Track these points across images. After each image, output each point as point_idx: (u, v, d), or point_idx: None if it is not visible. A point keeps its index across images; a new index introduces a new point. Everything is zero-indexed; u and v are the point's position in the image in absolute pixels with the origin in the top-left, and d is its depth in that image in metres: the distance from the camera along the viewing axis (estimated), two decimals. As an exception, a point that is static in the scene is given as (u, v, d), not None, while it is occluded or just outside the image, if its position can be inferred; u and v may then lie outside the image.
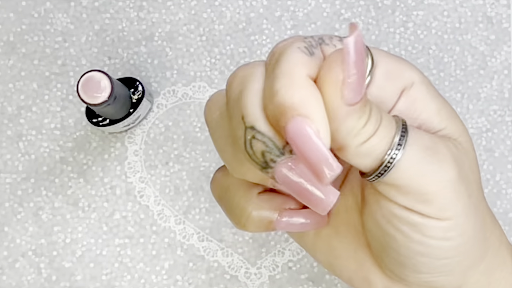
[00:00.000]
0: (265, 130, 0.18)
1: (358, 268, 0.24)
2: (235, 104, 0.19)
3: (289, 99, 0.17)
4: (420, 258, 0.20)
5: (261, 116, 0.18)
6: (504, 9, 0.40)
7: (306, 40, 0.18)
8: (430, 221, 0.19)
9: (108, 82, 0.33)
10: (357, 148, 0.18)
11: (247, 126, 0.18)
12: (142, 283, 0.38)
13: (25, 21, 0.40)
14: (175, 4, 0.40)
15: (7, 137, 0.39)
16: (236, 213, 0.22)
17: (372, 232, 0.22)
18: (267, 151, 0.18)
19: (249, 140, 0.18)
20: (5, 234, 0.38)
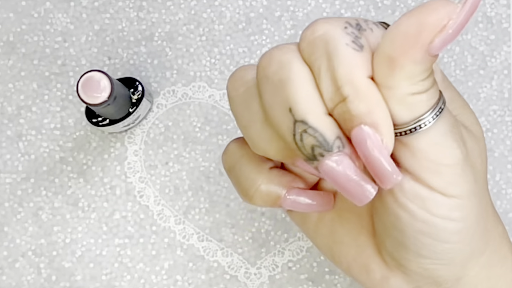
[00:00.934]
0: (318, 125, 0.18)
1: (358, 255, 0.24)
2: (277, 93, 0.19)
3: (356, 108, 0.18)
4: (423, 239, 0.21)
5: (314, 111, 0.18)
6: (504, 9, 0.40)
7: (349, 32, 0.18)
8: (436, 196, 0.20)
9: (108, 82, 0.33)
10: (407, 95, 0.18)
11: (297, 120, 0.18)
12: (142, 283, 0.38)
13: (25, 21, 0.40)
14: (175, 4, 0.40)
15: (7, 137, 0.39)
16: (245, 184, 0.22)
17: (377, 212, 0.22)
18: (317, 145, 0.18)
19: (299, 133, 0.18)
20: (5, 234, 0.38)
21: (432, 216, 0.20)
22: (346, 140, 0.19)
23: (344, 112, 0.18)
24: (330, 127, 0.19)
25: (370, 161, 0.18)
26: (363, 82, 0.18)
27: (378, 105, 0.18)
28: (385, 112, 0.18)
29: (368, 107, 0.18)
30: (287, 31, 0.40)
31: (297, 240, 0.38)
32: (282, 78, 0.19)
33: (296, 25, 0.40)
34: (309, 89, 0.19)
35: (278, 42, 0.40)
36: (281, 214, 0.39)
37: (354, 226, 0.24)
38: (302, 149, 0.19)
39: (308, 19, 0.40)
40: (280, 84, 0.19)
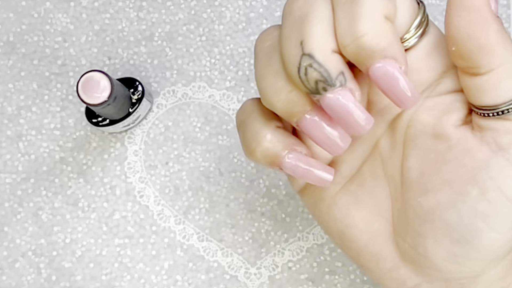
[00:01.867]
0: (324, 61, 0.19)
1: (370, 242, 0.24)
2: (294, 26, 0.20)
3: (377, 44, 0.19)
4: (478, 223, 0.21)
5: (322, 46, 0.19)
6: (504, 9, 0.40)
7: None
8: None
9: (107, 82, 0.33)
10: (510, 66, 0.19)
11: (304, 53, 0.19)
12: (142, 283, 0.38)
13: (25, 21, 0.40)
14: (175, 4, 0.40)
15: (7, 137, 0.39)
16: (250, 135, 0.22)
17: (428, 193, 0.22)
18: (321, 80, 0.19)
19: (304, 67, 0.19)
20: (5, 234, 0.38)
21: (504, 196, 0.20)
22: (349, 75, 0.20)
23: (363, 50, 0.19)
24: (335, 63, 0.19)
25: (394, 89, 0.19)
26: (382, 19, 0.19)
27: (396, 39, 0.19)
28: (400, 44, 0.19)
29: (388, 41, 0.19)
30: None
31: (297, 240, 0.38)
32: (303, 13, 0.19)
33: (296, 25, 0.40)
34: (324, 26, 0.19)
35: None
36: (281, 215, 0.39)
37: (371, 212, 0.24)
38: (305, 83, 0.19)
39: (308, 19, 0.40)
40: (299, 19, 0.19)
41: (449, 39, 0.20)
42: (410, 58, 0.22)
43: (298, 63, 0.19)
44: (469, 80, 0.20)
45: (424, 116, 0.22)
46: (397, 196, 0.23)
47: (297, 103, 0.21)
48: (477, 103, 0.20)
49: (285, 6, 0.21)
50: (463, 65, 0.20)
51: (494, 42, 0.19)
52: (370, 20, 0.19)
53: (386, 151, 0.24)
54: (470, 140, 0.21)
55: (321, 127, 0.21)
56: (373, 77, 0.19)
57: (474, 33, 0.19)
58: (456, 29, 0.19)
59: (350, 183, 0.25)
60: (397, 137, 0.23)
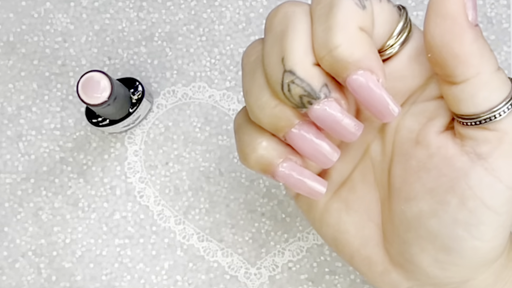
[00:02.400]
0: (305, 76, 0.19)
1: (361, 247, 0.24)
2: (275, 42, 0.20)
3: (351, 55, 0.18)
4: (459, 231, 0.21)
5: (302, 61, 0.19)
6: (504, 9, 0.40)
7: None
8: (505, 190, 0.20)
9: (108, 83, 0.33)
10: (493, 75, 0.19)
11: (286, 70, 0.19)
12: (142, 283, 0.38)
13: (25, 21, 0.40)
14: (175, 4, 0.40)
15: (7, 137, 0.39)
16: (246, 141, 0.22)
17: (410, 201, 0.22)
18: (304, 95, 0.19)
19: (287, 84, 0.19)
20: (5, 234, 0.38)
21: (484, 205, 0.20)
22: (333, 86, 0.20)
23: (337, 61, 0.19)
24: (316, 76, 0.19)
25: (371, 101, 0.19)
26: (357, 30, 0.19)
27: (371, 50, 0.19)
28: (377, 55, 0.19)
29: (362, 51, 0.19)
30: None
31: (297, 241, 0.38)
32: (282, 29, 0.20)
33: (296, 25, 0.40)
34: (303, 41, 0.19)
35: None
36: (281, 215, 0.39)
37: (361, 218, 0.24)
38: (290, 99, 0.20)
39: (308, 19, 0.40)
40: (279, 34, 0.20)
41: (425, 45, 0.20)
42: (393, 65, 0.21)
43: (281, 80, 0.19)
44: (447, 88, 0.20)
45: (410, 122, 0.22)
46: (386, 202, 0.24)
47: (282, 118, 0.20)
48: (456, 111, 0.20)
49: (266, 20, 0.21)
50: (440, 73, 0.20)
51: (469, 52, 0.19)
52: (344, 32, 0.18)
53: (377, 157, 0.24)
54: (450, 148, 0.21)
55: (309, 141, 0.21)
56: (350, 89, 0.19)
57: (448, 42, 0.19)
58: (432, 36, 0.19)
59: (341, 189, 0.25)
60: (386, 143, 0.23)
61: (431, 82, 0.22)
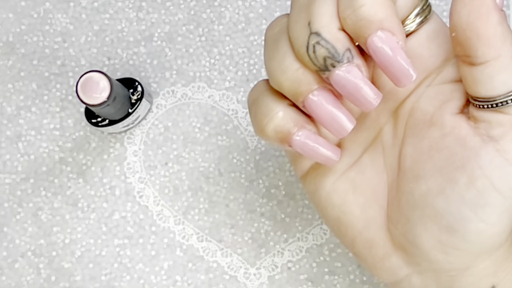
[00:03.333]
0: (330, 37, 0.20)
1: (364, 229, 0.24)
2: (302, 9, 0.20)
3: (374, 14, 0.19)
4: (466, 212, 0.21)
5: (328, 24, 0.20)
6: (504, 9, 0.40)
7: None
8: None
9: (107, 83, 0.33)
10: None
11: (312, 32, 0.20)
12: (142, 283, 0.38)
13: (24, 21, 0.40)
14: (174, 5, 0.40)
15: (6, 137, 0.39)
16: (263, 112, 0.23)
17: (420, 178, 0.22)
18: (329, 57, 0.20)
19: (312, 45, 0.20)
20: (5, 235, 0.38)
21: (492, 186, 0.20)
22: (356, 52, 0.20)
23: (360, 20, 0.19)
24: (341, 40, 0.20)
25: (390, 63, 0.20)
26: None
27: (393, 12, 0.19)
28: (399, 19, 0.20)
29: (385, 13, 0.19)
30: None
31: (297, 241, 0.39)
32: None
33: (295, 25, 0.40)
34: (330, 6, 0.20)
35: None
36: (281, 215, 0.39)
37: (367, 200, 0.24)
38: (314, 60, 0.20)
39: (308, 19, 0.40)
40: (307, 2, 0.20)
41: (450, 24, 0.20)
42: (411, 42, 0.22)
43: (307, 42, 0.20)
44: (466, 70, 0.21)
45: (424, 104, 0.23)
46: (393, 184, 0.24)
47: (303, 81, 0.21)
48: (473, 93, 0.21)
49: None
50: (461, 53, 0.21)
51: (493, 33, 0.19)
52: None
53: (388, 140, 0.24)
54: (464, 129, 0.21)
55: (326, 108, 0.21)
56: (371, 50, 0.20)
57: (474, 22, 0.19)
58: (458, 15, 0.20)
59: (350, 170, 0.25)
60: (399, 126, 0.24)
61: (447, 65, 0.22)
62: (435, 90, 0.22)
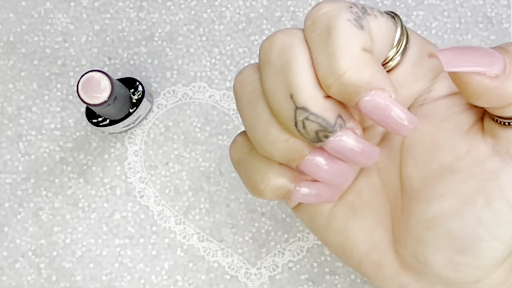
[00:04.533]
0: (319, 110, 0.19)
1: (371, 251, 0.24)
2: (278, 78, 0.19)
3: (360, 78, 0.18)
4: (481, 232, 0.21)
5: (313, 95, 0.19)
6: (504, 10, 0.40)
7: (353, 11, 0.19)
8: None
9: (108, 82, 0.33)
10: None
11: (298, 107, 0.18)
12: (142, 283, 0.38)
13: (25, 21, 0.40)
14: (175, 4, 0.40)
15: (7, 137, 0.39)
16: (255, 178, 0.22)
17: (430, 201, 0.22)
18: (320, 130, 0.19)
19: (301, 121, 0.19)
20: (5, 235, 0.38)
21: (510, 206, 0.20)
22: (347, 115, 0.19)
23: (347, 87, 0.18)
24: (330, 109, 0.19)
25: (387, 119, 0.19)
26: (361, 51, 0.18)
27: (378, 67, 0.18)
28: (384, 71, 0.19)
29: (371, 71, 0.18)
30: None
31: (298, 241, 0.38)
32: (284, 63, 0.19)
33: (296, 25, 0.40)
34: (308, 73, 0.19)
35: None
36: (282, 215, 0.39)
37: (370, 221, 0.24)
38: (305, 135, 0.19)
39: (309, 19, 0.40)
40: (282, 69, 0.19)
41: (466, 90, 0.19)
42: (397, 74, 0.21)
43: (294, 118, 0.19)
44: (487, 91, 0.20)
45: (420, 124, 0.22)
46: (397, 204, 0.23)
47: (295, 150, 0.20)
48: (497, 113, 0.20)
49: (260, 52, 0.20)
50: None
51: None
52: (348, 56, 0.18)
53: (381, 161, 0.23)
54: (481, 151, 0.20)
55: (323, 167, 0.20)
56: (365, 112, 0.19)
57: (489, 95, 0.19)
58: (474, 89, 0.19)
59: (346, 194, 0.24)
60: (393, 146, 0.23)
61: (436, 82, 0.22)
62: (430, 108, 0.22)
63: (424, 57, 0.21)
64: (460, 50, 0.19)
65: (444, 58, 0.18)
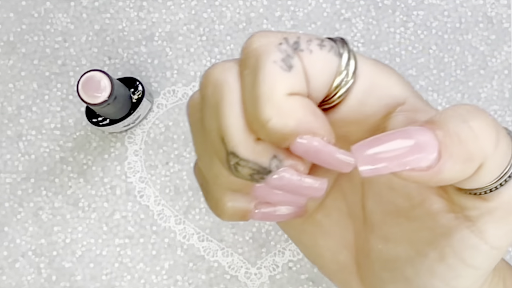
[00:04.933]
0: (249, 155, 0.18)
1: (338, 271, 0.23)
2: (212, 117, 0.18)
3: (285, 126, 0.17)
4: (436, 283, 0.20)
5: (243, 140, 0.17)
6: (504, 9, 0.40)
7: (282, 49, 0.17)
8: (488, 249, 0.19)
9: (108, 82, 0.33)
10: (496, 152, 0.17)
11: (228, 151, 0.18)
12: (142, 283, 0.38)
13: (25, 21, 0.40)
14: (175, 4, 0.40)
15: (7, 137, 0.39)
16: (213, 202, 0.21)
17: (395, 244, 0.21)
18: (254, 173, 0.18)
19: (233, 166, 0.18)
20: (5, 234, 0.38)
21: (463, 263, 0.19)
22: (284, 154, 0.18)
23: (272, 135, 0.17)
24: (262, 153, 0.18)
25: (323, 161, 0.18)
26: (285, 98, 0.17)
27: (305, 113, 0.17)
28: (314, 115, 0.17)
29: (297, 118, 0.17)
30: (288, 31, 0.40)
31: (298, 240, 0.39)
32: (216, 102, 0.18)
33: (296, 25, 0.40)
34: (238, 116, 0.17)
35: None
36: (282, 214, 0.39)
37: (337, 243, 0.23)
38: (241, 177, 0.18)
39: (309, 19, 0.40)
40: (214, 109, 0.18)
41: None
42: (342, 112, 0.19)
43: (226, 162, 0.18)
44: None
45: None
46: (361, 233, 0.23)
47: (239, 183, 0.19)
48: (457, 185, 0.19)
49: (201, 80, 0.19)
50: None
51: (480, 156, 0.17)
52: (271, 103, 0.17)
53: (346, 187, 0.23)
54: (435, 203, 0.19)
55: (274, 193, 0.19)
56: (298, 154, 0.18)
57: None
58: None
59: (316, 213, 0.24)
60: (354, 176, 0.22)
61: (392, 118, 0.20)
62: None
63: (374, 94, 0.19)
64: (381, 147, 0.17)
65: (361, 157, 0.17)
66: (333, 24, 0.40)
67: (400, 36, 0.40)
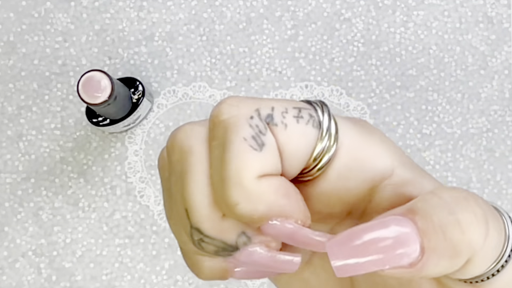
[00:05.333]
0: (214, 233, 0.16)
1: None
2: (177, 187, 0.17)
3: (253, 211, 0.16)
4: None
5: (207, 216, 0.16)
6: (504, 9, 0.40)
7: (253, 124, 0.16)
8: None
9: (108, 82, 0.33)
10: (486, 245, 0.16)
11: (192, 226, 0.16)
12: (142, 283, 0.38)
13: (25, 21, 0.40)
14: (175, 4, 0.40)
15: (7, 137, 0.39)
16: (189, 262, 0.20)
17: None
18: (219, 251, 0.17)
19: (197, 241, 0.16)
20: (5, 234, 0.38)
21: None
22: (252, 231, 0.17)
23: (241, 218, 0.16)
24: (227, 230, 0.16)
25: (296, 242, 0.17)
26: (254, 182, 0.16)
27: (277, 197, 0.16)
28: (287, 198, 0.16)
29: (267, 202, 0.16)
30: (288, 31, 0.40)
31: (298, 240, 0.38)
32: (182, 171, 0.17)
33: (296, 25, 0.40)
34: (204, 191, 0.16)
35: (278, 42, 0.40)
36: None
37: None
38: (206, 252, 0.17)
39: (309, 19, 0.40)
40: (180, 178, 0.17)
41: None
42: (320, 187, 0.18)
43: (190, 236, 0.16)
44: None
45: None
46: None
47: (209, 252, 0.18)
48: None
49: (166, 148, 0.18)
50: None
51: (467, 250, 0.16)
52: (239, 187, 0.16)
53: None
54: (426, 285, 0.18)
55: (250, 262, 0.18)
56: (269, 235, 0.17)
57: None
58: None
59: (302, 270, 0.22)
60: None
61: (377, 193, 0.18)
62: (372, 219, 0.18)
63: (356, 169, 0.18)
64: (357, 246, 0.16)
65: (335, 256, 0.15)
66: (333, 24, 0.40)
67: (400, 36, 0.40)
